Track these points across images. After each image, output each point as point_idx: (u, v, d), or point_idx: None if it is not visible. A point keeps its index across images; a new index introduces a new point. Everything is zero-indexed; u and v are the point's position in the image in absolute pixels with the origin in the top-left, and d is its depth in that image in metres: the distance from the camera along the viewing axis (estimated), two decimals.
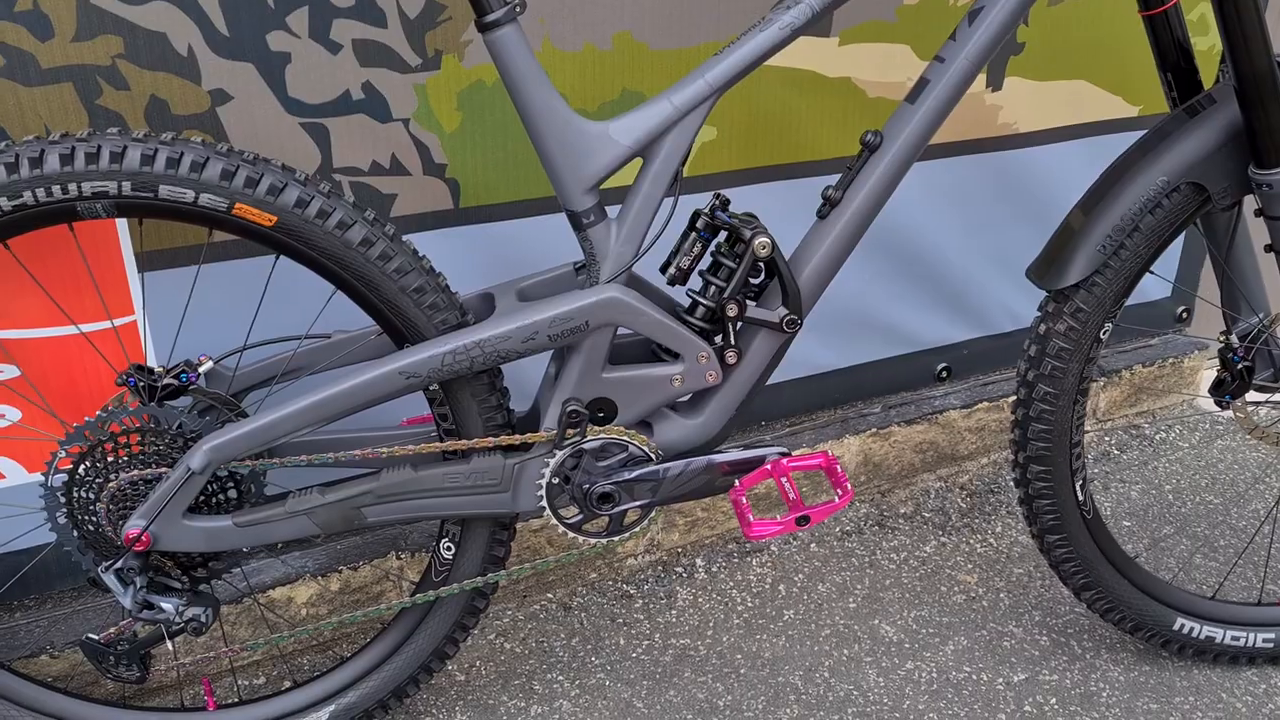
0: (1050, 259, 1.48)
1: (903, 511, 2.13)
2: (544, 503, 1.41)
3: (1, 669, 1.47)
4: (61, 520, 1.36)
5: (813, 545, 2.03)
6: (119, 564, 1.32)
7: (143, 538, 1.30)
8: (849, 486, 1.35)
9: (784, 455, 1.41)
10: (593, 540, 1.45)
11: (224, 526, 1.33)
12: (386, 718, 1.58)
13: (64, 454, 1.33)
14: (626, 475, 1.40)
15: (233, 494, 1.37)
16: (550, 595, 1.90)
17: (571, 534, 1.44)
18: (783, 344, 1.42)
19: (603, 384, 1.38)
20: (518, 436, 1.38)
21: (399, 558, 1.75)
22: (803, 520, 1.34)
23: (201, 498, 1.35)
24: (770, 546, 2.02)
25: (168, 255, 1.48)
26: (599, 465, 1.40)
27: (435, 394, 1.38)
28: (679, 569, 1.96)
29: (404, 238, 1.32)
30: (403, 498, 1.37)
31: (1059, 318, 1.48)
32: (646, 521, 1.45)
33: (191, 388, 1.38)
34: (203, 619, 1.34)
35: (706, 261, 1.40)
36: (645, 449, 1.40)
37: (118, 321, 1.49)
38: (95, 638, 1.39)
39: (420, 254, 1.33)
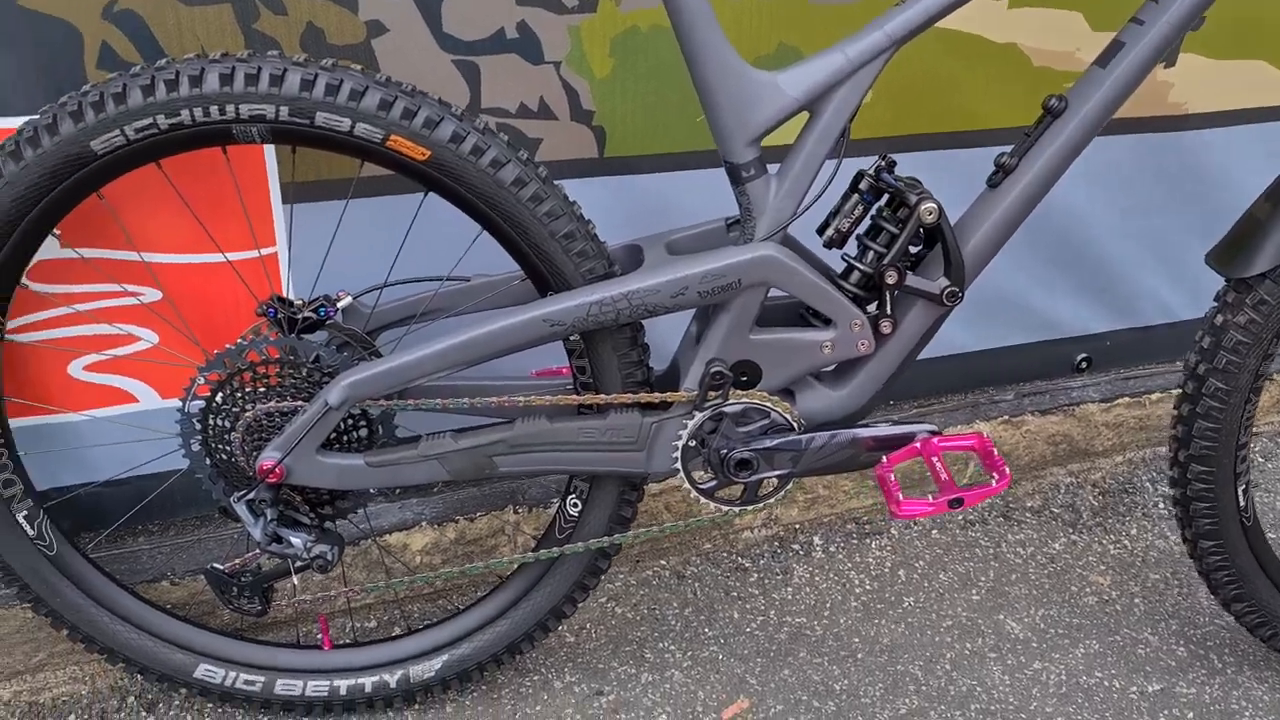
0: (1234, 245, 1.38)
1: (1030, 505, 2.04)
2: (678, 464, 1.36)
3: (124, 591, 1.48)
4: (195, 448, 1.35)
5: (934, 532, 1.95)
6: (251, 495, 1.30)
7: (277, 470, 1.28)
8: (1007, 470, 1.28)
9: (935, 434, 1.34)
10: (724, 508, 1.40)
11: (356, 465, 1.31)
12: (497, 672, 1.55)
13: (202, 380, 1.31)
14: (767, 443, 1.34)
15: (364, 433, 1.35)
16: (664, 562, 1.85)
17: (703, 499, 1.39)
18: (939, 317, 1.34)
19: (749, 346, 1.32)
20: (656, 395, 1.33)
21: (516, 512, 1.72)
22: (956, 503, 1.27)
23: (334, 435, 1.33)
24: (890, 529, 1.95)
25: (312, 187, 1.46)
26: (738, 431, 1.35)
27: (575, 345, 1.34)
28: (796, 546, 1.91)
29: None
30: (536, 449, 1.34)
31: (1239, 309, 1.38)
32: (782, 493, 1.40)
33: (328, 323, 1.36)
34: (329, 556, 1.32)
35: (866, 226, 1.33)
36: (787, 417, 1.35)
37: (261, 252, 1.47)
38: (220, 567, 1.39)
39: (571, 200, 1.29)
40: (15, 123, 1.26)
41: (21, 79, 1.30)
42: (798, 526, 1.93)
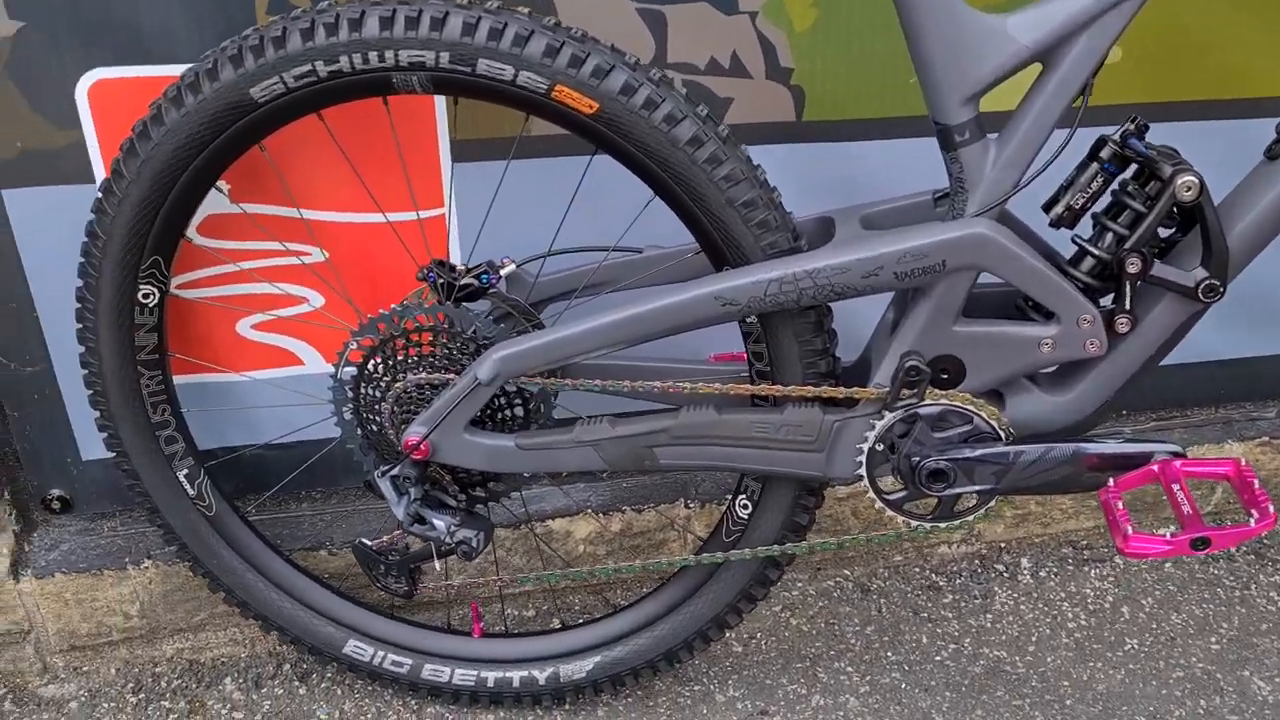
0: None
1: None
2: (862, 470, 1.19)
3: (280, 557, 1.44)
4: (347, 416, 1.29)
5: (1168, 565, 1.69)
6: (395, 471, 1.23)
7: (421, 446, 1.20)
8: (1271, 509, 1.04)
9: (1178, 455, 1.11)
10: (913, 523, 1.22)
11: (505, 447, 1.21)
12: (654, 679, 1.43)
13: (355, 345, 1.24)
14: (967, 453, 1.16)
15: (519, 412, 1.25)
16: (847, 573, 1.68)
17: (890, 511, 1.22)
18: (1192, 316, 1.12)
19: (952, 339, 1.14)
20: (842, 389, 1.17)
21: (687, 506, 1.59)
22: (1200, 543, 1.04)
23: (487, 412, 1.24)
24: (1114, 557, 1.71)
25: (485, 146, 1.36)
26: (934, 436, 1.17)
27: (752, 328, 1.20)
28: (1000, 566, 1.69)
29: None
30: (701, 442, 1.20)
31: None
32: (983, 511, 1.21)
33: (491, 291, 1.26)
34: (473, 543, 1.23)
35: (1106, 203, 1.12)
36: (994, 424, 1.15)
37: (424, 214, 1.39)
38: (368, 543, 1.32)
39: (755, 164, 1.14)
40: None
41: (190, 24, 1.25)
42: (1003, 545, 1.72)
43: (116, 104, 1.28)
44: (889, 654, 1.54)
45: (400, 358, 1.23)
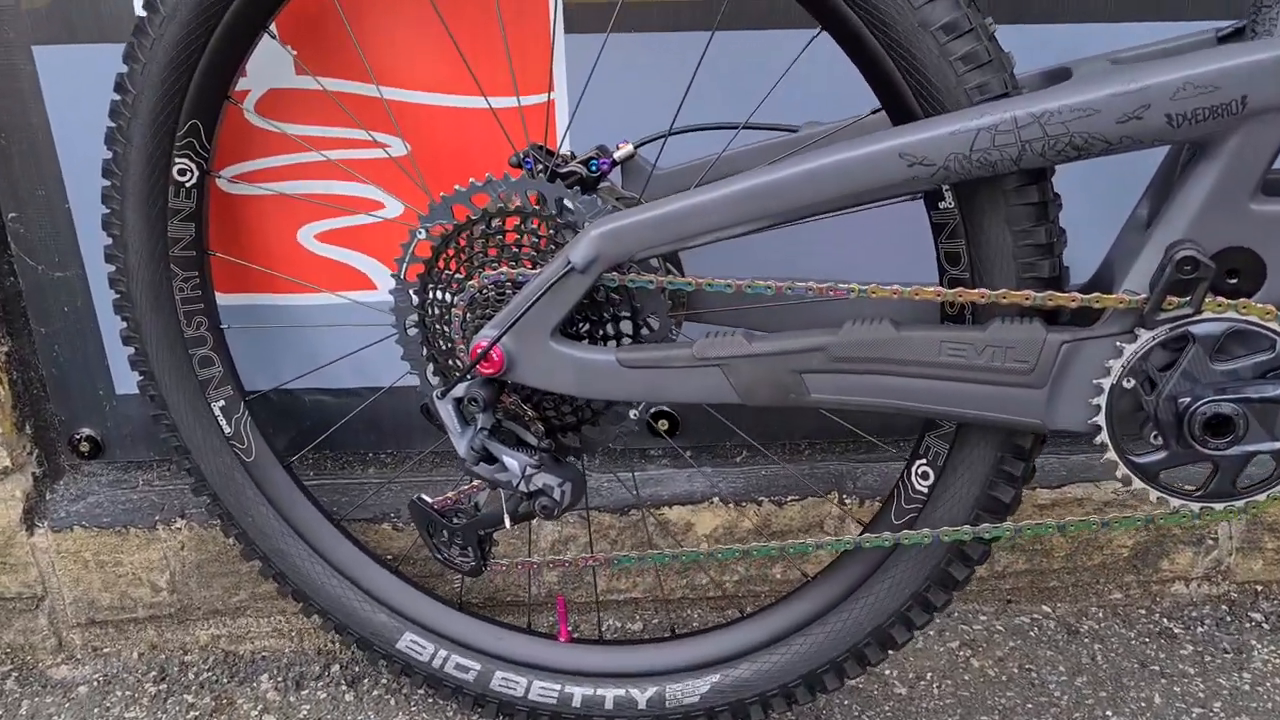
0: None
1: None
2: (1100, 418, 0.84)
3: (329, 524, 1.17)
4: (410, 330, 1.01)
5: None
6: (459, 390, 0.93)
7: (493, 354, 0.90)
8: None
9: None
10: (1173, 500, 0.85)
11: (604, 362, 0.90)
12: (786, 712, 1.09)
13: (423, 235, 0.97)
14: (1271, 391, 0.79)
15: (624, 326, 0.94)
16: (1047, 608, 1.30)
17: (1138, 481, 0.85)
18: None
19: (1246, 222, 0.79)
20: (1076, 295, 0.82)
21: (843, 502, 1.25)
22: None
23: (579, 325, 0.94)
24: None
25: (600, 14, 1.09)
26: (1215, 368, 0.80)
27: (948, 216, 0.87)
28: (1256, 615, 1.28)
29: None
30: (869, 367, 0.87)
31: None
32: None
33: (601, 185, 0.98)
34: (556, 494, 0.92)
35: None
36: None
37: (527, 100, 1.12)
38: (428, 500, 1.03)
39: None
40: None
41: None
42: (1260, 587, 1.30)
43: None
44: (1108, 713, 1.14)
45: (477, 249, 0.95)
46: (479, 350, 0.91)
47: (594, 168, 0.98)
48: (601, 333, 0.94)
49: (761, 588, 1.29)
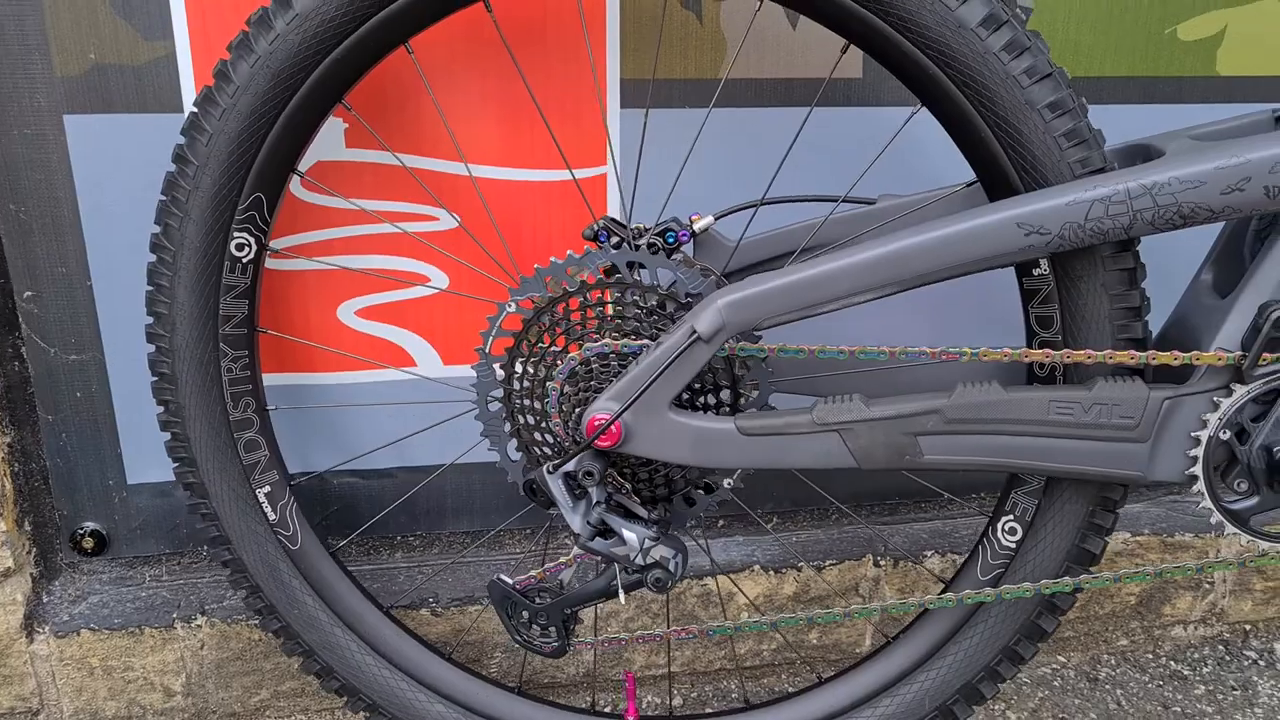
0: None
1: None
2: (1197, 468, 0.89)
3: (380, 613, 1.11)
4: (492, 405, 0.99)
5: None
6: (571, 465, 0.92)
7: (613, 428, 0.89)
8: None
9: None
10: (1263, 543, 0.91)
11: (723, 431, 0.91)
12: None
13: (512, 308, 0.96)
14: None
15: (724, 396, 0.95)
16: (1062, 659, 1.35)
17: (1232, 527, 0.91)
18: None
19: None
20: (1178, 354, 0.88)
21: (878, 564, 1.27)
22: None
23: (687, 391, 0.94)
24: None
25: (658, 89, 1.11)
26: None
27: (1042, 282, 0.92)
28: (1250, 653, 1.36)
29: None
30: (982, 428, 0.90)
31: None
32: None
33: (674, 256, 0.99)
34: (671, 567, 0.91)
35: None
36: None
37: (575, 174, 1.13)
38: (508, 581, 1.00)
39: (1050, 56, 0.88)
40: None
41: None
42: (1249, 627, 1.39)
43: (216, 12, 1.03)
44: None
45: (574, 322, 0.94)
46: (598, 423, 0.89)
47: (670, 239, 0.99)
48: (702, 401, 0.95)
49: (794, 654, 1.30)
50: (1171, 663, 1.35)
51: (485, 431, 1.00)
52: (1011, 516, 1.00)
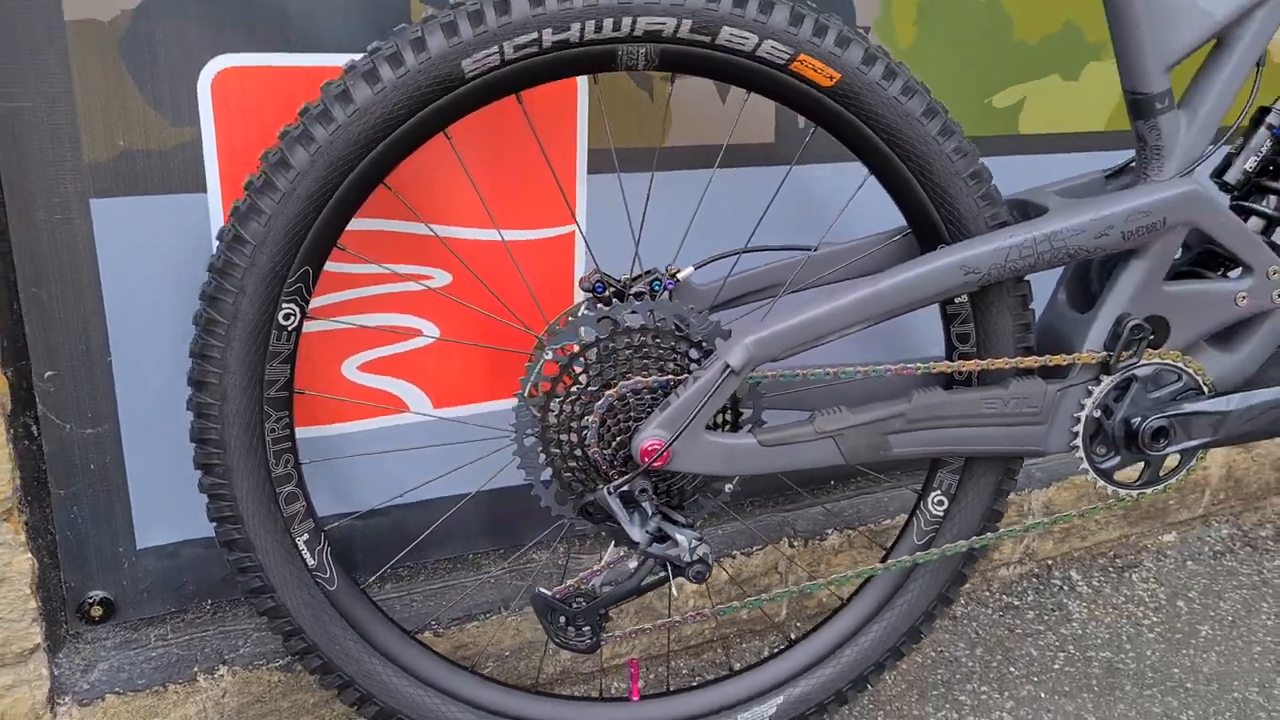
0: None
1: (1263, 534, 1.92)
2: (1078, 441, 1.20)
3: (405, 637, 1.22)
4: (528, 441, 1.13)
5: (1189, 563, 1.80)
6: (625, 486, 1.09)
7: (665, 453, 1.07)
8: None
9: None
10: (1122, 491, 1.24)
11: (747, 445, 1.11)
12: (834, 712, 1.33)
13: (549, 356, 1.11)
14: (1187, 408, 1.20)
15: (726, 415, 1.16)
16: None
17: (1101, 482, 1.23)
18: None
19: (1162, 299, 1.19)
20: (1063, 356, 1.18)
21: (791, 545, 1.51)
22: None
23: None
24: (1144, 563, 1.80)
25: (620, 157, 1.29)
26: (1148, 397, 1.20)
27: (960, 309, 1.19)
28: (1056, 581, 1.73)
29: None
30: (934, 424, 1.16)
31: None
32: (1185, 471, 1.24)
33: (658, 300, 1.18)
34: (709, 561, 1.11)
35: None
36: (1200, 379, 1.21)
37: (548, 232, 1.29)
38: (547, 592, 1.15)
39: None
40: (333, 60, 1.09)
41: (335, 7, 1.12)
42: (1051, 561, 1.76)
43: (240, 99, 1.11)
44: (1012, 669, 1.52)
45: (607, 365, 1.11)
46: (652, 448, 1.07)
47: (657, 286, 1.18)
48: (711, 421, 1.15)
49: (730, 629, 1.52)
50: (1004, 596, 1.69)
51: (521, 465, 1.14)
52: (939, 491, 1.27)
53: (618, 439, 1.12)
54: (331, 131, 1.01)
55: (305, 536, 1.15)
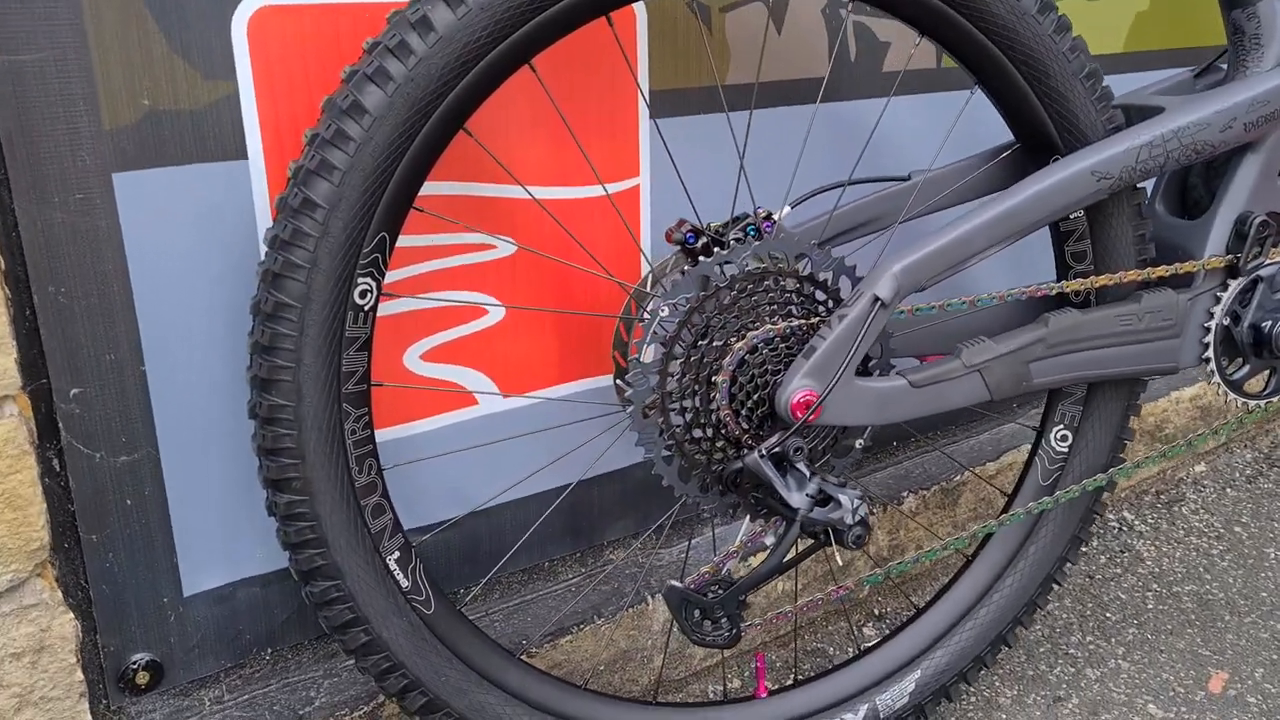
0: None
1: None
2: (1209, 352, 1.13)
3: (512, 660, 1.06)
4: (646, 414, 0.99)
5: (1228, 490, 1.77)
6: (777, 445, 0.95)
7: (818, 406, 0.95)
8: None
9: None
10: (1251, 402, 1.17)
11: (899, 388, 1.00)
12: (976, 679, 1.22)
13: (665, 312, 0.97)
14: None
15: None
16: None
17: (1230, 393, 1.16)
18: None
19: (1277, 193, 1.13)
20: (1191, 262, 1.10)
21: (870, 512, 1.40)
22: None
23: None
24: (1186, 495, 1.76)
25: (681, 99, 1.16)
26: (1275, 298, 1.14)
27: (1076, 224, 1.10)
28: (1112, 523, 1.67)
29: None
30: (1072, 348, 1.07)
31: None
32: None
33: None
34: (870, 523, 0.98)
35: None
36: None
37: (613, 186, 1.15)
38: (679, 585, 1.01)
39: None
40: None
41: None
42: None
43: (282, 44, 0.93)
44: (1107, 614, 1.44)
45: (733, 313, 0.98)
46: (807, 401, 0.94)
47: (750, 232, 1.06)
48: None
49: (816, 613, 1.40)
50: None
51: (639, 441, 1.00)
52: (1061, 425, 1.18)
53: (753, 397, 0.99)
54: (411, 66, 0.86)
55: (396, 555, 0.98)
